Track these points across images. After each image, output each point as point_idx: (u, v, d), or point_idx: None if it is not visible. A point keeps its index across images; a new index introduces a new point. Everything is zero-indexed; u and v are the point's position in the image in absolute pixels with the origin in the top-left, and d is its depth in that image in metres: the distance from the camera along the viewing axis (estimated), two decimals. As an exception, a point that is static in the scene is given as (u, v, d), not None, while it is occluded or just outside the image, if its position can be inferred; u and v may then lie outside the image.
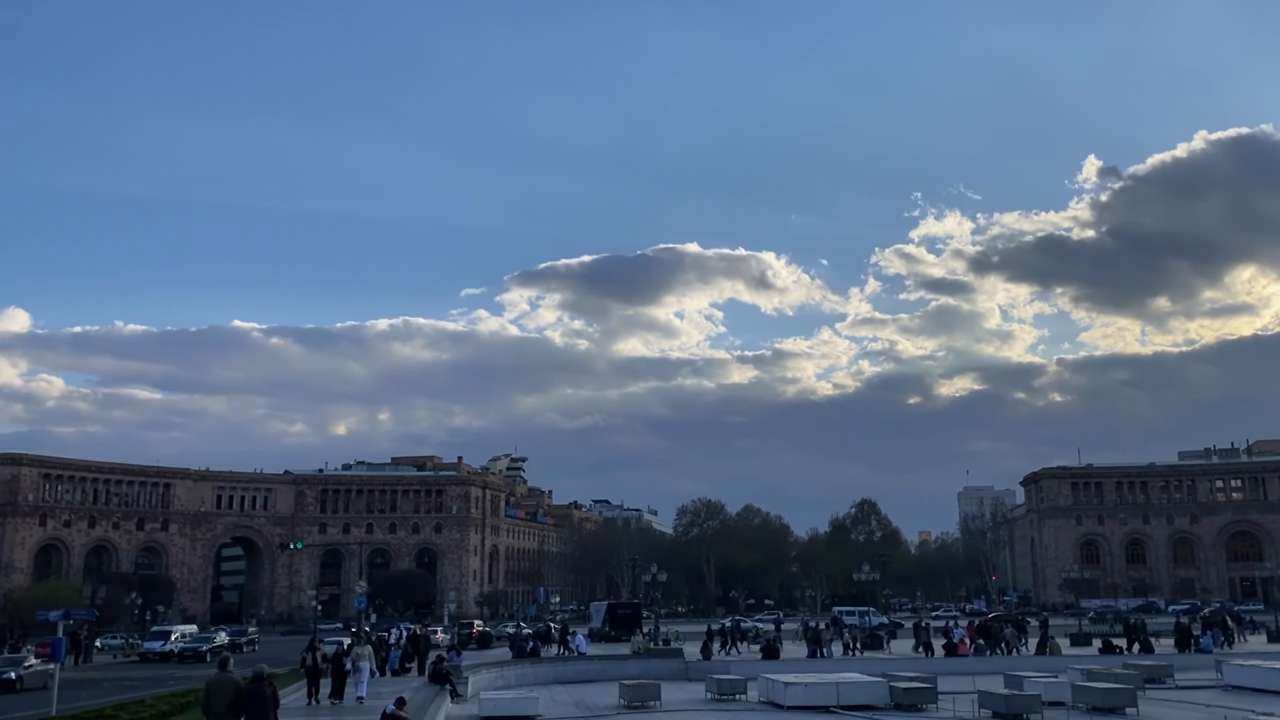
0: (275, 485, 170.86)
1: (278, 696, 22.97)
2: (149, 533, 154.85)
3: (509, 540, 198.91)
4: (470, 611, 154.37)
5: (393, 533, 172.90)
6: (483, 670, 50.24)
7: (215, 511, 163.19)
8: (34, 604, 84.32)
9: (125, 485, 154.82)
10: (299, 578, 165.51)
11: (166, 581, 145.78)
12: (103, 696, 45.73)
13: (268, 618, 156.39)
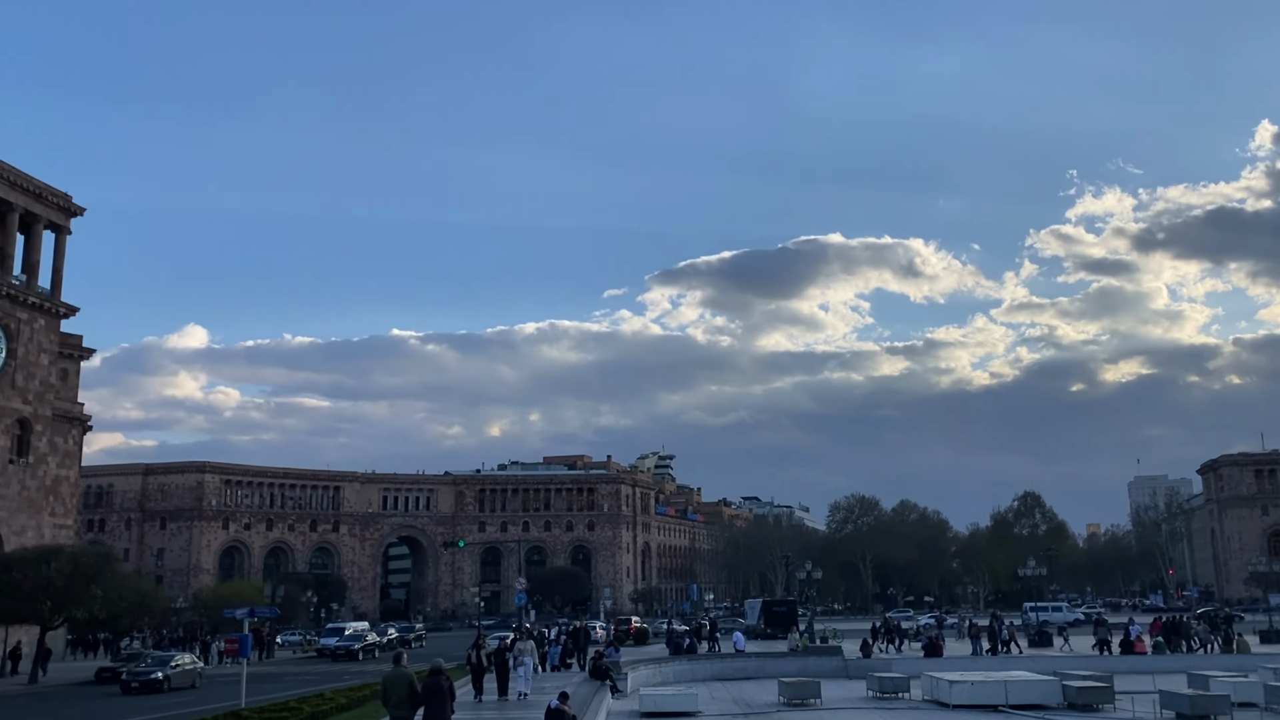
0: (436, 486, 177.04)
1: (454, 690, 23.77)
2: (321, 534, 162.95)
3: (660, 538, 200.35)
4: (625, 608, 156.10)
5: (547, 530, 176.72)
6: (641, 666, 50.75)
7: (381, 512, 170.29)
8: (221, 602, 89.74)
9: (299, 489, 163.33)
10: (461, 575, 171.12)
11: (339, 580, 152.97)
12: (285, 690, 48.39)
13: (433, 614, 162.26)
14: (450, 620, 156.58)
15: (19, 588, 57.97)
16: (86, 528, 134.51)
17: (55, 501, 79.64)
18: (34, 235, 79.19)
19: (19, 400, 75.16)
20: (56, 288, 79.85)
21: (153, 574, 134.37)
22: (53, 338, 79.20)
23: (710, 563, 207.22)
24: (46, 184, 78.86)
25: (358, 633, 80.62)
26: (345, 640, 76.48)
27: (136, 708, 43.24)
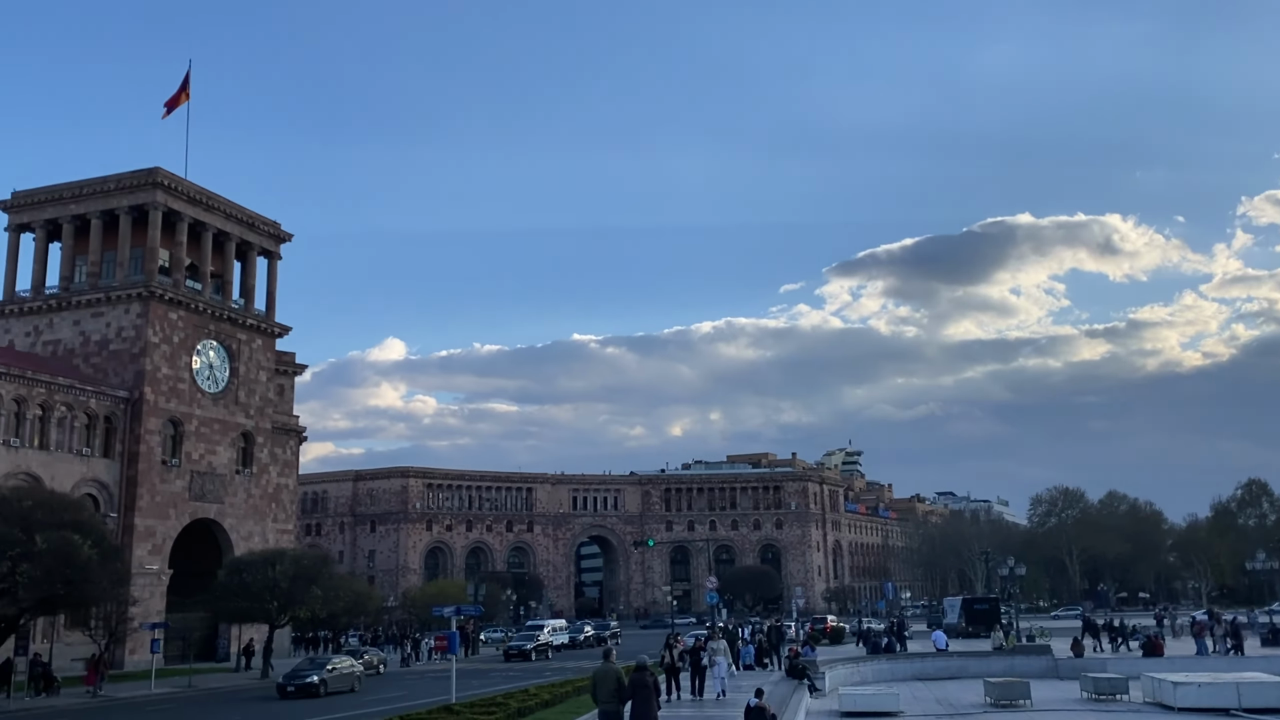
0: (623, 486, 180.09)
1: (659, 685, 24.27)
2: (517, 534, 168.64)
3: (851, 535, 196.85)
4: (817, 607, 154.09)
5: (735, 529, 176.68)
6: (838, 666, 49.94)
7: (572, 512, 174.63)
8: (428, 601, 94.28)
9: (494, 491, 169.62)
10: (651, 574, 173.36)
11: (535, 579, 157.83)
12: (491, 686, 50.27)
13: (626, 612, 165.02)
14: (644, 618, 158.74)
15: (248, 589, 62.62)
16: (305, 532, 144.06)
17: (277, 508, 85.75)
18: (249, 262, 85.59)
19: (242, 415, 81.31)
20: (271, 309, 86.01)
21: (365, 574, 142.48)
22: (269, 356, 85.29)
23: (905, 560, 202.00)
24: (258, 214, 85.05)
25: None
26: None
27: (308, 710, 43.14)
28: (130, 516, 70.29)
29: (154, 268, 74.88)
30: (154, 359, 73.35)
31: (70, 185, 77.80)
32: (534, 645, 74.75)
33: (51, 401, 66.41)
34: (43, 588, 45.46)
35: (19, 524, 45.52)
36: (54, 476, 64.91)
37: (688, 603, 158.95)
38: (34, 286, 78.37)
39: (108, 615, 55.29)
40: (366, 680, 59.62)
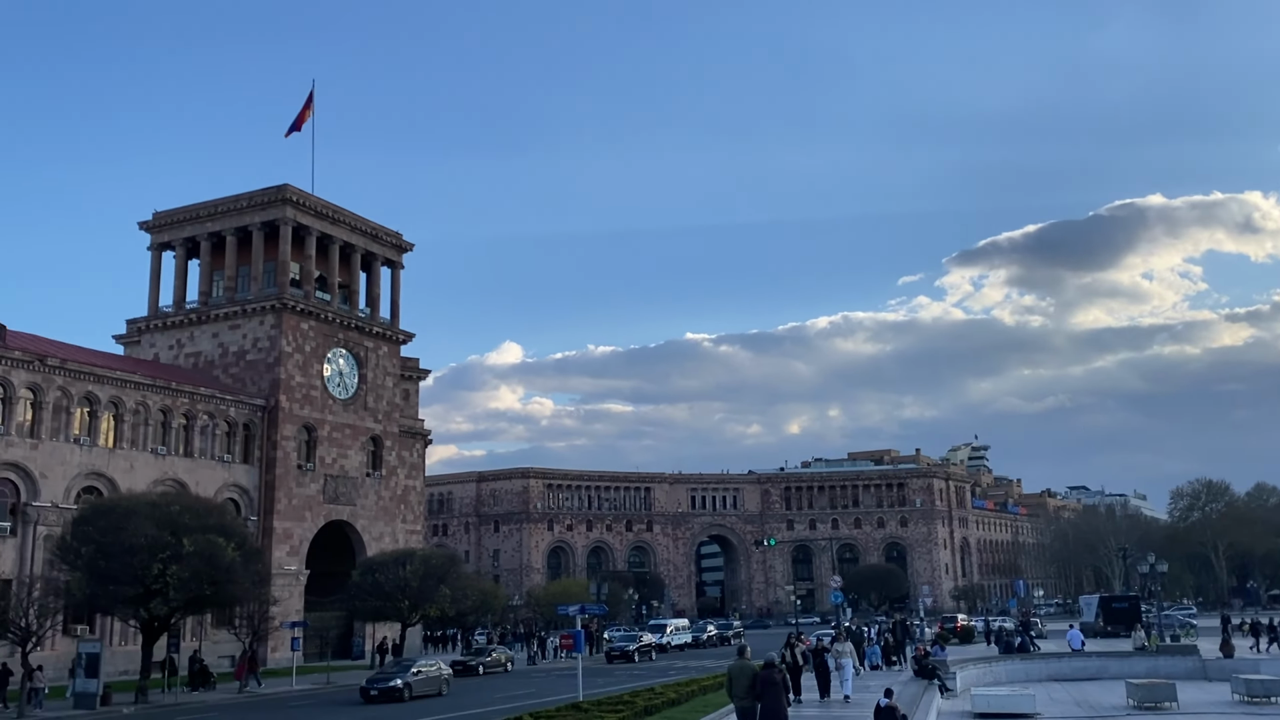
0: (741, 485, 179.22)
1: (788, 683, 24.37)
2: (636, 533, 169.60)
3: (979, 532, 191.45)
4: (945, 605, 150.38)
5: (858, 528, 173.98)
6: (970, 665, 48.58)
7: (691, 512, 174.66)
8: (551, 600, 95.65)
9: (613, 491, 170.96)
10: (773, 573, 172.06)
11: (656, 578, 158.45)
12: (616, 684, 50.59)
13: (748, 611, 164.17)
14: (767, 618, 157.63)
15: (381, 588, 64.61)
16: (432, 532, 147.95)
17: (405, 509, 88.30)
18: (373, 271, 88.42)
19: (371, 420, 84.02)
20: (395, 317, 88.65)
21: (490, 574, 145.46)
22: (395, 362, 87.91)
23: (1036, 557, 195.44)
24: (381, 225, 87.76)
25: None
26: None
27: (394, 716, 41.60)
28: (269, 519, 73.41)
29: (286, 280, 78.05)
30: (288, 368, 76.42)
31: (206, 204, 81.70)
32: (636, 647, 72.15)
33: (194, 411, 69.85)
34: (191, 588, 47.78)
35: (168, 528, 47.95)
36: (198, 482, 68.25)
37: (811, 602, 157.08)
38: (175, 302, 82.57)
39: (251, 614, 57.84)
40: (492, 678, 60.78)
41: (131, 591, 47.06)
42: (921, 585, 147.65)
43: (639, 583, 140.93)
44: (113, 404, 64.58)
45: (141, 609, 48.31)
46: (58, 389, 61.09)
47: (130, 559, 46.34)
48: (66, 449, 61.35)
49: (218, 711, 45.83)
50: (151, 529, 47.23)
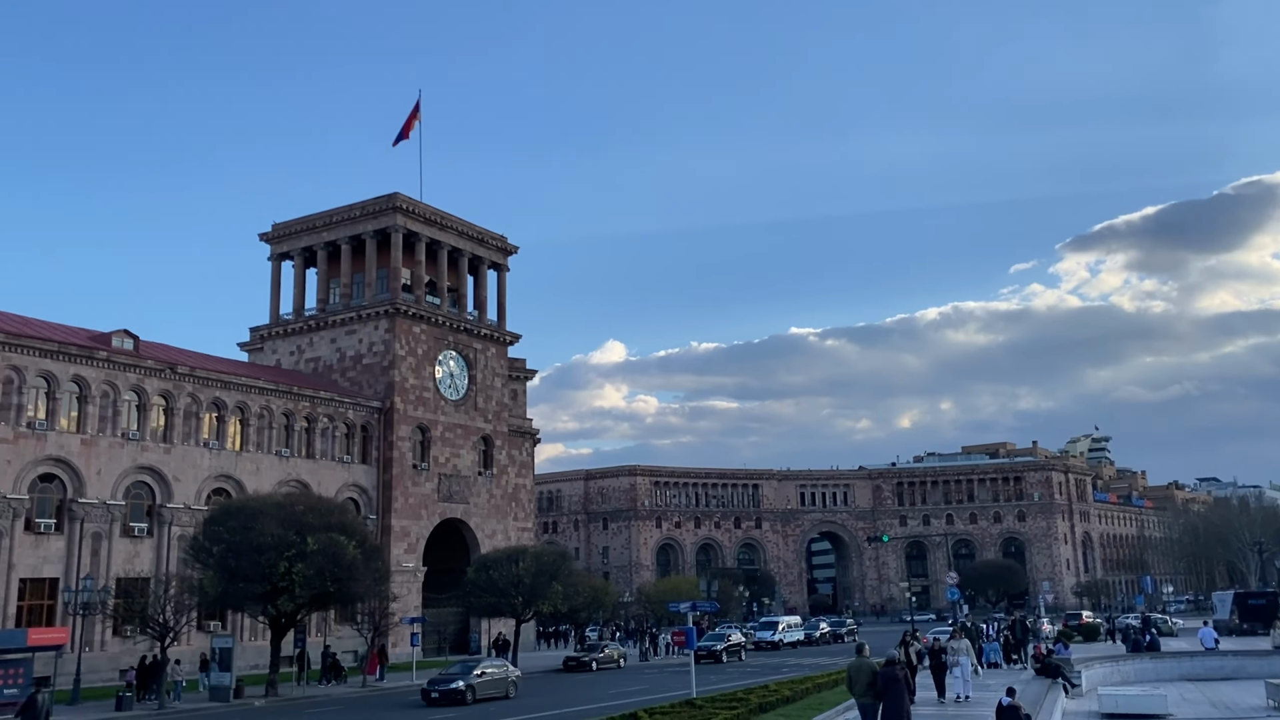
0: (852, 481, 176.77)
1: (910, 680, 24.29)
2: (745, 530, 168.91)
3: (1102, 526, 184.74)
4: (1067, 602, 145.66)
5: (973, 523, 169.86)
6: (1095, 664, 46.91)
7: (800, 509, 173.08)
8: (662, 597, 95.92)
9: (720, 488, 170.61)
10: (886, 569, 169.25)
11: (767, 575, 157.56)
12: (729, 681, 50.48)
13: (861, 608, 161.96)
14: (880, 615, 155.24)
15: (495, 585, 65.79)
16: (542, 530, 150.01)
17: (516, 507, 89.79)
18: (480, 275, 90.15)
19: (481, 420, 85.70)
20: (501, 319, 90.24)
21: (600, 571, 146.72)
22: (503, 363, 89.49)
23: (1164, 552, 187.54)
24: (486, 229, 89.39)
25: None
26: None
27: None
28: (387, 518, 75.53)
29: (397, 286, 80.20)
30: (401, 370, 78.53)
31: (321, 215, 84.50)
32: (724, 646, 69.20)
33: (315, 414, 72.34)
34: (315, 585, 49.50)
35: (293, 527, 49.77)
36: (320, 482, 70.65)
37: (926, 599, 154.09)
38: (295, 309, 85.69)
39: (372, 610, 59.63)
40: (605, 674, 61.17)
41: (260, 589, 49.01)
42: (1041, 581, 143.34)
43: (749, 580, 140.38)
44: (239, 409, 67.35)
45: (269, 605, 50.27)
46: (188, 395, 64.00)
47: (258, 557, 48.28)
48: (197, 453, 64.24)
49: (340, 705, 47.38)
50: (277, 528, 49.09)
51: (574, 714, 38.34)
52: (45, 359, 56.70)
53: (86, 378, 58.49)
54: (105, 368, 59.53)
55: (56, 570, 55.92)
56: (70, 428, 57.72)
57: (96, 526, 57.99)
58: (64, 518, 56.91)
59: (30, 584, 55.09)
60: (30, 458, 55.31)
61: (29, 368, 55.86)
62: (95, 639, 56.06)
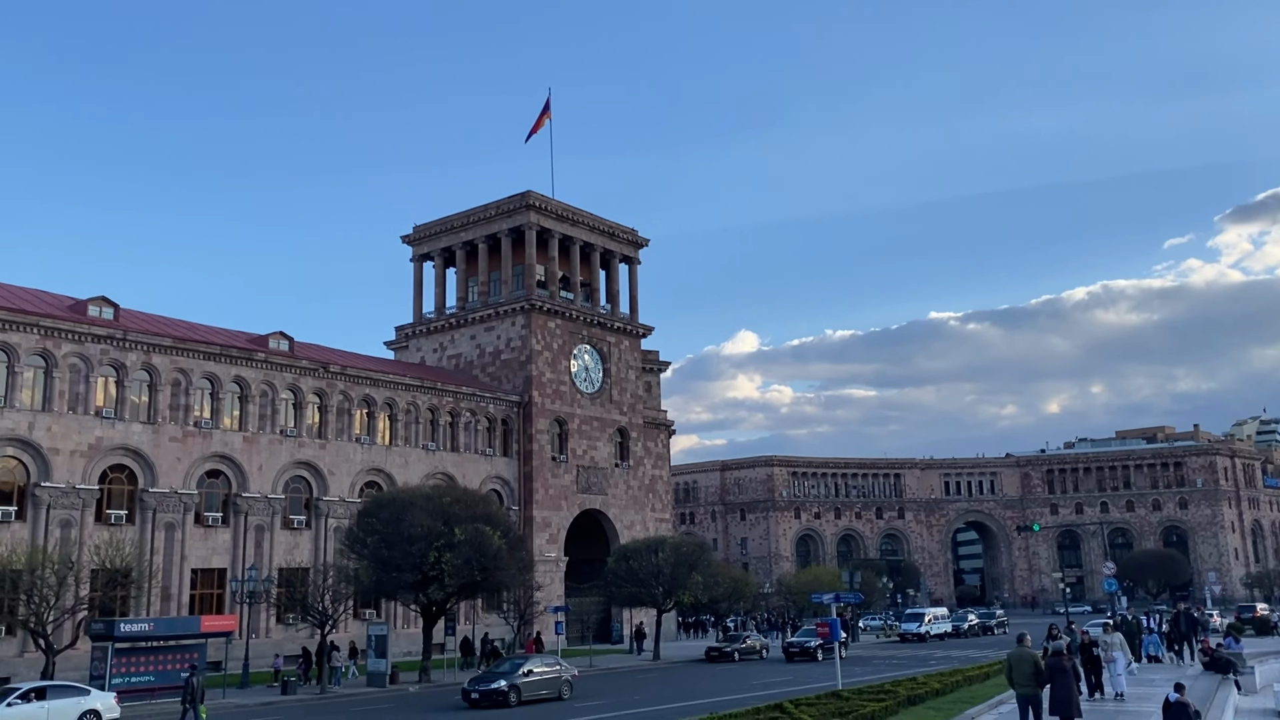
0: (999, 469, 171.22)
1: (1078, 670, 23.76)
2: (888, 520, 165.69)
3: (1273, 514, 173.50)
4: (1236, 594, 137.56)
5: (1130, 511, 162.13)
6: (1271, 660, 44.12)
7: (945, 498, 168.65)
8: (802, 588, 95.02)
9: (860, 478, 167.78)
10: (1037, 560, 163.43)
11: (911, 566, 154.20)
12: (874, 673, 49.58)
13: (1011, 600, 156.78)
14: (1032, 606, 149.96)
15: (635, 575, 66.38)
16: (679, 521, 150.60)
17: (653, 498, 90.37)
18: (611, 269, 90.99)
19: (616, 412, 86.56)
20: (634, 312, 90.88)
21: (739, 561, 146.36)
22: (636, 356, 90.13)
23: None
24: (617, 224, 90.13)
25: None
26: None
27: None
28: (529, 509, 77.16)
29: (532, 282, 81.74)
30: (538, 365, 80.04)
31: (459, 215, 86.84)
32: (818, 644, 61.95)
33: (458, 409, 74.47)
34: (463, 574, 50.97)
35: (441, 518, 51.35)
36: (465, 475, 72.70)
37: (1080, 590, 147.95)
38: (436, 308, 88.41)
39: (517, 599, 61.03)
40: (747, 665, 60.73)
41: (411, 578, 50.75)
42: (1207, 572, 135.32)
43: (892, 571, 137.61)
44: (387, 405, 69.91)
45: (421, 594, 51.99)
46: (340, 393, 66.79)
47: (409, 547, 49.99)
48: (350, 448, 66.98)
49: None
50: (427, 519, 50.73)
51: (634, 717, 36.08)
52: (209, 361, 60.06)
53: (247, 378, 61.71)
54: (263, 368, 62.67)
55: (224, 561, 59.25)
56: (233, 426, 61.01)
57: (259, 519, 61.15)
58: (229, 511, 60.21)
59: (201, 574, 58.54)
60: (198, 455, 58.70)
61: (194, 370, 59.27)
62: (260, 626, 59.14)
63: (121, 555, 47.28)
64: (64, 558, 44.87)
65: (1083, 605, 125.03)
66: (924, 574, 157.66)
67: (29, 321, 52.57)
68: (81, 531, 52.45)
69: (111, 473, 55.27)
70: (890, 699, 29.88)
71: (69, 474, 52.93)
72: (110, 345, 55.59)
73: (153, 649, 43.70)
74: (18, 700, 33.85)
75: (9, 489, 51.55)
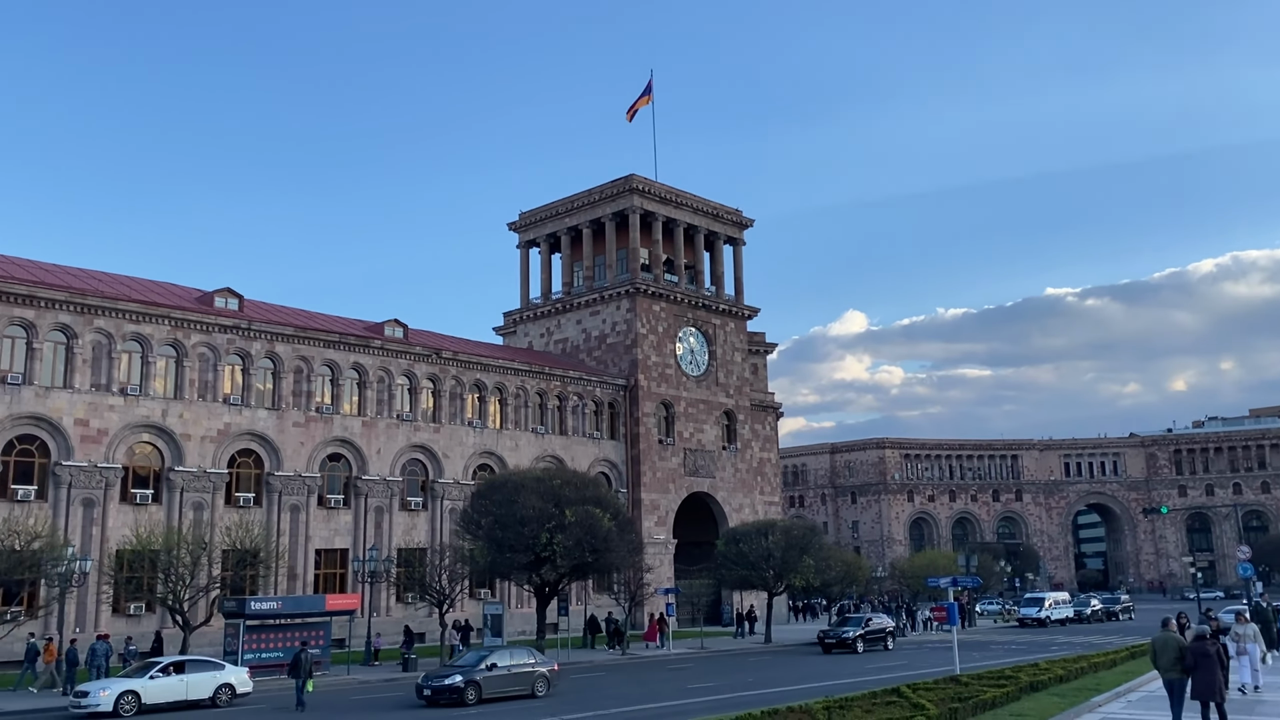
0: (1122, 449, 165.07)
1: (1224, 655, 22.85)
2: (1004, 503, 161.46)
3: None
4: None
5: (1266, 492, 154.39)
6: None
7: (1065, 480, 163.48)
8: (917, 571, 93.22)
9: (975, 459, 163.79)
10: (1164, 543, 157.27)
11: (1029, 550, 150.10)
12: (992, 658, 48.38)
13: (1136, 585, 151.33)
14: (1159, 592, 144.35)
15: (745, 558, 66.15)
16: (788, 504, 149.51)
17: (762, 481, 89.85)
18: (716, 250, 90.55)
19: (723, 394, 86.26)
20: (739, 293, 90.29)
21: (850, 545, 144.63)
22: (742, 338, 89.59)
23: None
24: (721, 204, 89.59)
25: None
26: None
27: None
28: (637, 491, 77.59)
29: (636, 266, 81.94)
30: (644, 348, 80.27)
31: (563, 201, 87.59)
32: (860, 633, 57.62)
33: (566, 392, 75.30)
34: (574, 555, 51.60)
35: (552, 500, 52.05)
36: (573, 458, 73.52)
37: (1212, 575, 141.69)
38: (543, 293, 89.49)
39: (628, 580, 61.50)
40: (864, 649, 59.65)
41: (525, 559, 51.61)
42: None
43: (1010, 554, 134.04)
44: (498, 389, 71.14)
45: (534, 574, 52.83)
46: (452, 378, 68.25)
47: (522, 529, 50.84)
48: (463, 431, 68.42)
49: (604, 671, 49.13)
50: (538, 501, 51.48)
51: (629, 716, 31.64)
52: (328, 349, 62.06)
53: (364, 365, 63.56)
54: (380, 355, 64.45)
55: (346, 541, 61.27)
56: (352, 411, 62.94)
57: (378, 501, 63.02)
58: (350, 493, 62.19)
59: (324, 554, 60.67)
60: (320, 439, 60.76)
61: (315, 358, 61.30)
62: (381, 604, 61.01)
63: (250, 536, 49.25)
64: (197, 539, 46.96)
65: (1214, 590, 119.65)
66: (1043, 557, 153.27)
67: (160, 313, 55.12)
68: (213, 514, 54.90)
69: (239, 457, 57.65)
70: (1011, 685, 29.04)
71: (200, 458, 55.41)
72: (236, 335, 57.91)
73: (281, 626, 45.44)
74: (159, 673, 35.64)
75: (146, 473, 54.26)
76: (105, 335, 53.16)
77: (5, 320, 49.94)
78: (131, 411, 53.45)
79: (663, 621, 61.84)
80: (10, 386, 49.69)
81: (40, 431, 50.66)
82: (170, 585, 43.61)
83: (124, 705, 33.75)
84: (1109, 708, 27.51)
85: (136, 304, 54.34)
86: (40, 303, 51.09)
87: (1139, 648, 42.77)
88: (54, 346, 51.74)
